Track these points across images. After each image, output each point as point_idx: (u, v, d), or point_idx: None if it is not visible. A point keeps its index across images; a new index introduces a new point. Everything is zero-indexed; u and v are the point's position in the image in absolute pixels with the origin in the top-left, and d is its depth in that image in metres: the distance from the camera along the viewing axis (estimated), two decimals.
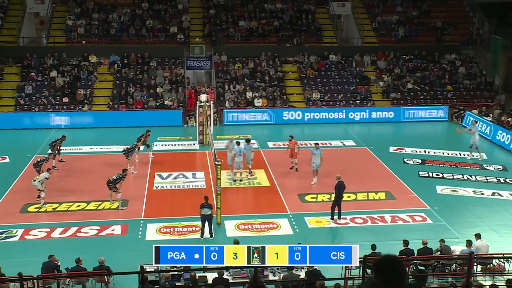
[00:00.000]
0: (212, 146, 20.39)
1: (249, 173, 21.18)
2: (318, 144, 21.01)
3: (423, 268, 13.91)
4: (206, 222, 15.98)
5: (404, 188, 20.34)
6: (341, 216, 17.44)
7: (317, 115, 30.07)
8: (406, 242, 13.96)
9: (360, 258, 12.48)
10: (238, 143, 20.69)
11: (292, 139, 21.93)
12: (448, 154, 24.44)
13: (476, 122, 25.09)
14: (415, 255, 13.70)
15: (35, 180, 18.35)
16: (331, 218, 17.32)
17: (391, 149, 25.17)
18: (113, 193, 18.19)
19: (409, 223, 17.43)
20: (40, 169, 19.29)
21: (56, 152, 22.28)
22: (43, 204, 18.24)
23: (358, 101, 31.35)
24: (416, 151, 24.77)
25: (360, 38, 35.25)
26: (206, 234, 16.04)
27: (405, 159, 23.69)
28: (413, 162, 23.39)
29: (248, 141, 21.52)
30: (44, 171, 18.81)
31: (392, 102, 31.58)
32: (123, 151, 21.76)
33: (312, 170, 20.44)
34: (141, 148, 22.81)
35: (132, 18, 34.20)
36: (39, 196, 18.56)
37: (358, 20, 35.76)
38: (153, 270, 12.81)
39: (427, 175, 21.77)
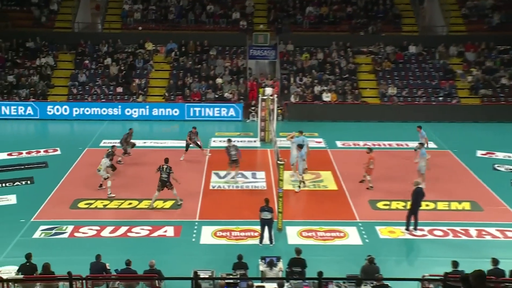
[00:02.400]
0: (275, 143, 20.36)
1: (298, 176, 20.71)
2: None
3: None
4: (266, 227, 15.97)
5: (494, 198, 19.58)
6: (418, 227, 16.95)
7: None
8: (495, 261, 13.36)
9: (440, 275, 12.14)
10: (300, 147, 20.27)
11: (371, 152, 20.23)
12: None
13: None
14: (507, 276, 13.08)
15: (99, 170, 19.28)
16: (406, 229, 16.89)
17: (479, 153, 24.28)
18: (160, 193, 18.53)
19: (499, 239, 16.72)
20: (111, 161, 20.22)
21: (129, 146, 22.90)
22: (110, 194, 19.16)
23: (441, 98, 30.43)
24: (510, 156, 23.81)
25: (446, 26, 34.21)
26: (266, 240, 16.04)
27: (495, 165, 22.82)
28: (505, 169, 22.51)
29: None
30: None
31: (482, 99, 30.41)
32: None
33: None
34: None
35: (192, 3, 34.79)
36: (101, 185, 19.52)
37: (444, 6, 34.73)
38: (207, 276, 12.93)
39: None
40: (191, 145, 22.95)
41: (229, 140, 21.52)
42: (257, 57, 33.44)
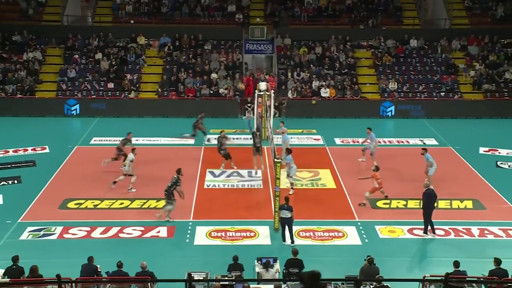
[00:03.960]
0: (272, 141, 20.38)
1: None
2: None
3: None
4: (286, 227, 16.14)
5: (497, 196, 19.66)
6: (420, 227, 17.00)
7: None
8: (497, 261, 13.44)
9: (441, 276, 12.21)
10: (289, 151, 19.96)
11: (377, 170, 18.92)
12: None
13: None
14: (509, 277, 13.15)
15: (125, 165, 19.47)
16: (424, 232, 16.84)
17: (482, 150, 24.37)
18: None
19: (502, 239, 16.81)
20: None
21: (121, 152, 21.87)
22: (131, 189, 19.45)
23: (443, 93, 30.50)
24: None
25: (448, 19, 34.26)
26: (288, 240, 16.20)
27: (498, 162, 22.91)
28: (509, 166, 22.61)
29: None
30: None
31: (485, 94, 30.49)
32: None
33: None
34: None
35: None
36: (114, 182, 19.61)
37: None
38: (201, 278, 12.97)
39: None
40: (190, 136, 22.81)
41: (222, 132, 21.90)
42: (253, 52, 33.44)
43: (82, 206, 18.69)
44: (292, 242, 16.05)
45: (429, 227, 16.79)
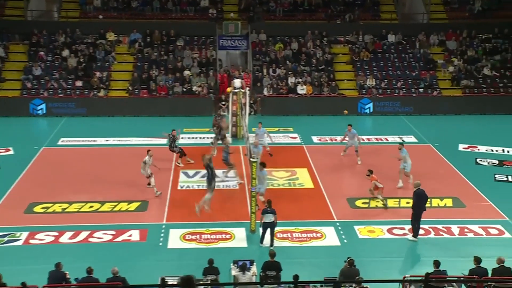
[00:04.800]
0: (247, 140, 20.38)
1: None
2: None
3: None
4: (268, 230, 16.05)
5: (477, 194, 19.90)
6: (400, 226, 17.19)
7: None
8: (477, 260, 13.61)
9: (421, 276, 12.33)
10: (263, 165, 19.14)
11: (371, 174, 19.00)
12: None
13: None
14: (489, 275, 13.34)
15: (143, 168, 19.22)
16: (413, 236, 16.67)
17: (461, 147, 24.68)
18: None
19: (482, 237, 17.01)
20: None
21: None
22: (156, 190, 19.23)
23: (421, 89, 30.83)
24: (492, 150, 24.24)
25: (426, 14, 34.66)
26: (265, 243, 16.19)
27: (478, 159, 23.21)
28: (488, 163, 22.90)
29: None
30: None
31: (464, 90, 30.91)
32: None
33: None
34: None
35: None
36: (149, 184, 19.39)
37: None
38: (176, 283, 12.90)
39: (505, 179, 21.30)
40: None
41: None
42: (227, 48, 33.43)
43: (49, 210, 18.44)
44: (272, 245, 16.03)
45: (413, 228, 16.73)
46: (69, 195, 19.37)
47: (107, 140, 25.14)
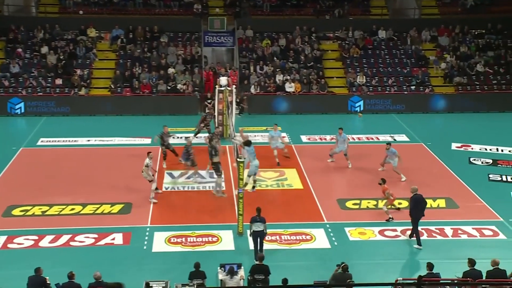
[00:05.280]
0: (234, 138, 20.38)
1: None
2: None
3: None
4: (258, 240, 15.63)
5: (470, 194, 20.02)
6: (392, 228, 17.26)
7: None
8: (472, 262, 13.70)
9: (414, 279, 12.37)
10: (248, 143, 20.03)
11: (384, 183, 18.29)
12: None
13: None
14: (484, 278, 13.43)
15: (142, 172, 18.93)
16: (418, 244, 16.53)
17: (454, 146, 24.82)
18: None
19: (476, 238, 17.12)
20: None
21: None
22: (153, 196, 18.98)
23: (413, 87, 30.97)
24: (486, 149, 24.38)
25: (418, 9, 34.83)
26: None
27: (471, 159, 23.35)
28: (482, 162, 23.04)
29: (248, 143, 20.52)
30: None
31: (456, 87, 31.09)
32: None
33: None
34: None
35: None
36: (156, 189, 19.23)
37: None
38: None
39: (499, 178, 21.44)
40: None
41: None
42: (213, 44, 33.39)
43: (28, 213, 18.31)
44: (261, 251, 15.95)
45: (416, 237, 16.68)
46: (49, 198, 19.24)
47: (88, 140, 25.00)
